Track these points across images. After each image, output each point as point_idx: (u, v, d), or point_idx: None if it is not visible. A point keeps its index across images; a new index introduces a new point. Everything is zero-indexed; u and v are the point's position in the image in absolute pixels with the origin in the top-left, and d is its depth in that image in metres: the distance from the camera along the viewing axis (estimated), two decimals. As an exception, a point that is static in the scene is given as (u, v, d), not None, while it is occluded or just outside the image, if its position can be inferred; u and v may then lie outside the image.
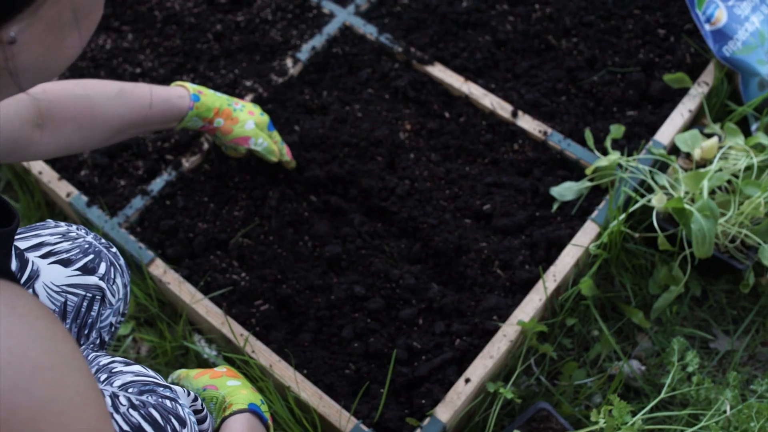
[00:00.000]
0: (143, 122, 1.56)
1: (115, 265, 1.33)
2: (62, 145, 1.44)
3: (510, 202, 1.80)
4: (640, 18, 2.04)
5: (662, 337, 1.75)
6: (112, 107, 1.50)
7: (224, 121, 1.69)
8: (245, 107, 1.73)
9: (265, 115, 1.77)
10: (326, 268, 1.75)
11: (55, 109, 1.40)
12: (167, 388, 1.14)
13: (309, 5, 2.14)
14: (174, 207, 1.85)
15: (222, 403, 1.27)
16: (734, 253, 1.72)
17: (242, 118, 1.71)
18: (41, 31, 0.77)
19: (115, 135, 1.54)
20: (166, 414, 1.08)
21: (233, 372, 1.35)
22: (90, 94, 1.47)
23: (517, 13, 2.08)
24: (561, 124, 1.89)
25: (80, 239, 1.30)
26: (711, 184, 1.69)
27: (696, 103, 1.88)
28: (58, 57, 0.82)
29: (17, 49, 0.76)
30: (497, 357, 1.60)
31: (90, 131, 1.48)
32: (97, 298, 1.28)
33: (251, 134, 1.72)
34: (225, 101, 1.70)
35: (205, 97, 1.66)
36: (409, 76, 1.97)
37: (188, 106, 1.62)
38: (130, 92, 1.53)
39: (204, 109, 1.65)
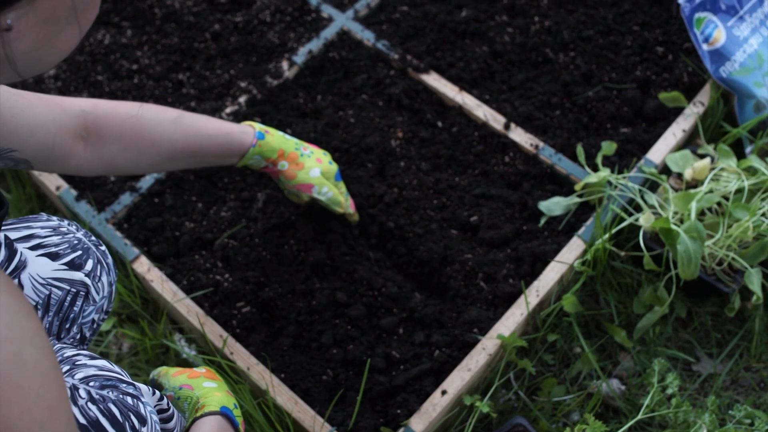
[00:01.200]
0: (199, 152, 1.50)
1: (102, 263, 1.33)
2: (106, 163, 1.42)
3: (497, 214, 1.79)
4: (639, 35, 2.03)
5: (644, 358, 1.74)
6: (165, 132, 1.45)
7: (289, 164, 1.62)
8: (314, 154, 1.66)
9: (334, 165, 1.69)
10: (310, 273, 1.75)
11: (101, 124, 1.38)
12: (130, 385, 1.13)
13: (308, 8, 2.14)
14: (162, 205, 1.85)
15: (195, 403, 1.27)
16: (721, 276, 1.71)
17: (308, 165, 1.63)
18: (36, 22, 0.79)
19: (167, 161, 1.50)
20: (126, 411, 1.08)
21: (212, 374, 1.35)
22: (141, 115, 1.43)
23: (515, 24, 2.07)
24: (553, 138, 1.88)
25: (70, 234, 1.31)
26: (700, 205, 1.68)
27: (690, 123, 1.87)
28: (53, 49, 0.85)
29: (12, 36, 0.79)
30: (475, 370, 1.59)
31: (137, 153, 1.44)
32: (81, 293, 1.29)
33: (315, 182, 1.64)
34: (293, 145, 1.63)
35: (271, 137, 1.59)
36: (404, 83, 1.97)
37: (251, 143, 1.55)
38: (189, 120, 1.49)
39: (268, 149, 1.58)
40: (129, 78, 2.07)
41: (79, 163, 1.40)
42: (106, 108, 1.40)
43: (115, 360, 1.79)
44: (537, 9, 2.10)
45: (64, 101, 1.37)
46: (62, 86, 2.06)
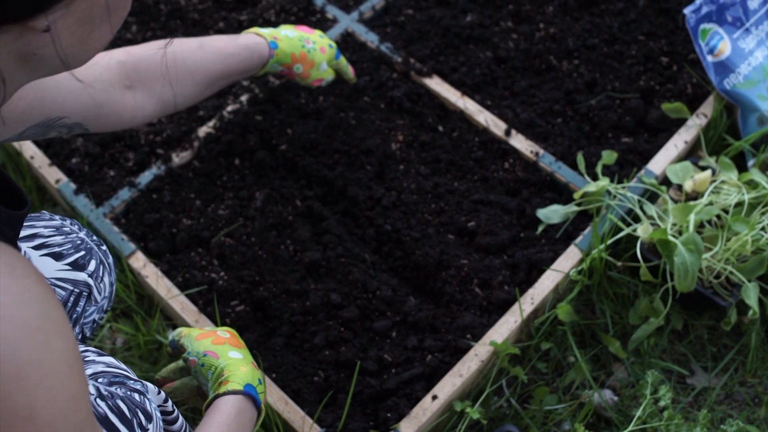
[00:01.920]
0: (228, 72, 1.61)
1: (104, 263, 1.34)
2: (159, 102, 1.51)
3: (495, 220, 1.78)
4: (644, 44, 2.02)
5: (638, 369, 1.73)
6: (198, 60, 1.54)
7: (303, 66, 1.74)
8: (316, 44, 1.76)
9: (333, 46, 1.81)
10: (305, 273, 1.75)
11: (141, 68, 1.45)
12: (138, 381, 1.14)
13: (313, 9, 2.14)
14: (160, 201, 1.85)
15: (219, 375, 1.26)
16: (718, 289, 1.70)
17: (317, 60, 1.76)
18: (73, 23, 0.82)
19: (207, 88, 1.60)
20: (134, 407, 1.08)
21: (236, 340, 1.34)
22: (173, 50, 1.50)
23: (520, 31, 2.06)
24: (554, 145, 1.87)
25: (73, 234, 1.31)
26: (699, 217, 1.67)
27: (693, 134, 1.86)
28: (87, 47, 0.88)
29: (50, 37, 0.82)
30: (467, 376, 1.58)
31: (180, 86, 1.53)
32: (84, 294, 1.29)
33: (324, 75, 1.80)
34: (298, 43, 1.73)
35: (282, 42, 1.69)
36: (406, 87, 1.96)
37: (269, 54, 1.67)
38: (211, 44, 1.57)
39: (283, 55, 1.69)
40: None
41: (134, 114, 1.47)
42: (138, 51, 1.47)
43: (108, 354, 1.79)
44: (542, 16, 2.09)
45: (100, 58, 1.42)
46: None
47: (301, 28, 1.79)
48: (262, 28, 1.72)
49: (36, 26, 0.80)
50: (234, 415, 1.21)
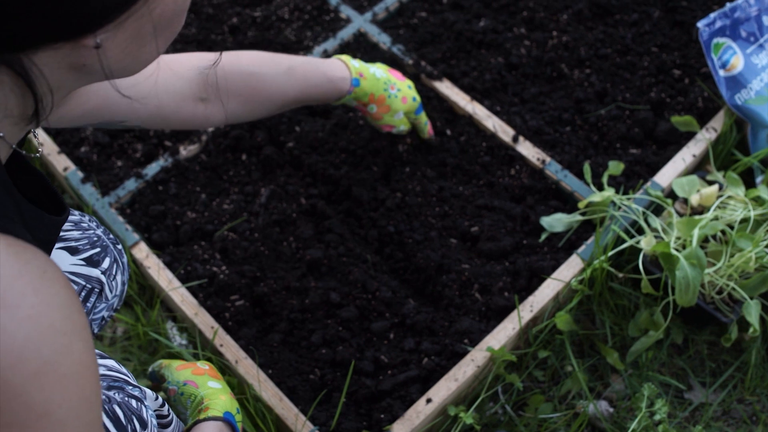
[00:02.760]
0: (305, 99, 1.62)
1: (118, 262, 1.34)
2: (227, 117, 1.52)
3: (498, 226, 1.78)
4: (656, 56, 2.01)
5: (636, 381, 1.72)
6: (279, 84, 1.55)
7: (377, 108, 1.73)
8: (400, 92, 1.75)
9: (417, 99, 1.79)
10: (306, 271, 1.75)
11: (222, 85, 1.46)
12: (137, 387, 1.15)
13: (327, 8, 2.14)
14: (166, 193, 1.86)
15: (199, 403, 1.28)
16: (720, 305, 1.69)
17: (394, 107, 1.74)
18: (124, 39, 0.84)
19: (278, 109, 1.61)
20: (130, 413, 1.09)
21: (215, 372, 1.36)
22: (261, 72, 1.52)
23: (533, 38, 2.06)
24: (561, 154, 1.87)
25: (90, 231, 1.31)
26: (704, 232, 1.66)
27: (701, 148, 1.85)
28: (137, 60, 0.90)
29: (101, 53, 0.84)
30: (462, 380, 1.58)
31: (255, 105, 1.54)
32: (96, 290, 1.29)
33: (396, 124, 1.79)
34: (382, 86, 1.71)
35: (365, 81, 1.68)
36: (416, 89, 1.96)
37: (347, 91, 1.66)
38: (299, 70, 1.58)
39: (361, 93, 1.68)
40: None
41: (201, 123, 1.50)
42: (225, 66, 1.48)
43: (108, 343, 1.80)
44: (556, 24, 2.09)
45: (180, 66, 1.44)
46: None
47: (394, 72, 1.78)
48: (354, 60, 1.70)
49: (87, 43, 0.81)
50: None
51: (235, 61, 1.50)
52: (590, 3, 2.11)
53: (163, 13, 0.86)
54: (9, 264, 0.74)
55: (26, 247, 0.77)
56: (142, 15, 0.83)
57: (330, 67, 1.64)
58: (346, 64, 1.67)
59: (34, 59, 0.81)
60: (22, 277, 0.74)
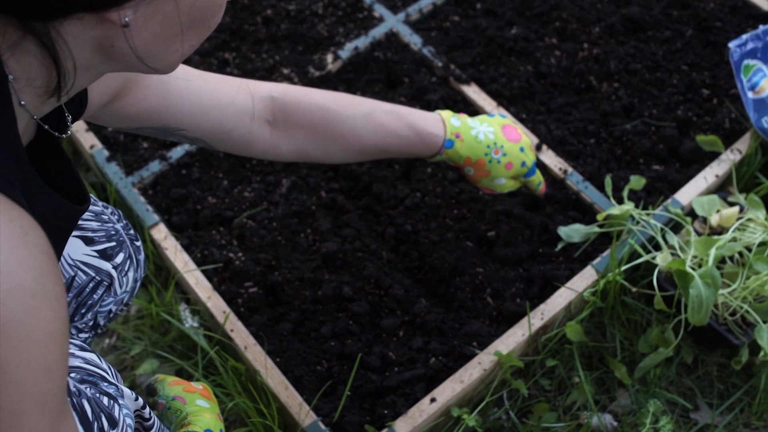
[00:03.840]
0: (387, 150, 1.50)
1: (133, 258, 1.35)
2: (296, 151, 1.44)
3: (515, 233, 1.78)
4: (686, 75, 2.01)
5: (642, 397, 1.71)
6: (354, 126, 1.45)
7: (475, 171, 1.59)
8: (504, 158, 1.58)
9: (527, 165, 1.62)
10: (320, 263, 1.76)
11: (289, 111, 1.40)
12: (112, 385, 1.12)
13: (361, 6, 2.16)
14: (188, 177, 1.88)
15: (183, 419, 1.26)
16: (732, 326, 1.68)
17: (494, 173, 1.59)
18: (152, 23, 0.84)
19: (357, 155, 1.51)
20: (98, 410, 1.06)
21: (208, 392, 1.34)
22: (331, 108, 1.43)
23: (564, 48, 2.06)
24: (583, 165, 1.87)
25: (110, 224, 1.32)
26: (721, 252, 1.65)
27: (724, 169, 1.84)
28: (165, 50, 0.89)
29: (128, 35, 0.83)
30: (468, 383, 1.58)
31: (325, 144, 1.45)
32: (105, 283, 1.30)
33: (497, 189, 1.64)
34: (483, 150, 1.55)
35: (461, 143, 1.53)
36: (444, 92, 1.97)
37: (438, 151, 1.53)
38: (381, 116, 1.47)
39: (456, 156, 1.55)
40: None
41: (265, 149, 1.42)
42: (296, 95, 1.41)
43: (121, 322, 1.82)
44: (588, 36, 2.09)
45: (254, 85, 1.38)
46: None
47: (508, 130, 1.59)
48: (457, 118, 1.55)
49: (112, 19, 0.81)
50: None
51: (306, 93, 1.43)
52: (623, 17, 2.11)
53: (195, 1, 0.86)
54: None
55: (15, 207, 0.77)
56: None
57: (422, 119, 1.51)
58: (443, 121, 1.53)
59: (61, 31, 0.82)
60: (1, 232, 0.74)
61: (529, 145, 1.63)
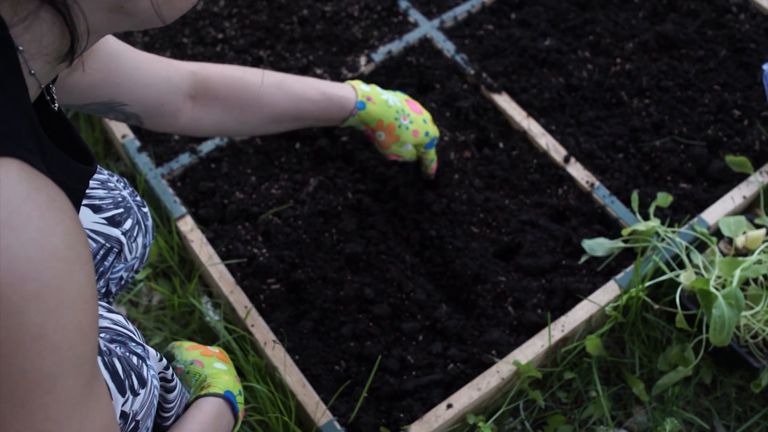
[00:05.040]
0: (301, 116, 1.56)
1: (141, 224, 1.37)
2: (215, 123, 1.50)
3: (539, 244, 1.78)
4: (718, 94, 2.00)
5: (659, 415, 1.71)
6: (267, 95, 1.51)
7: (386, 136, 1.67)
8: (413, 125, 1.68)
9: (431, 132, 1.72)
10: (344, 263, 1.77)
11: (208, 85, 1.46)
12: (140, 345, 1.14)
13: (396, 11, 2.17)
14: (217, 171, 1.90)
15: (202, 381, 1.29)
16: (753, 349, 1.67)
17: (403, 138, 1.68)
18: None
19: (271, 124, 1.56)
20: (129, 369, 1.08)
21: (224, 356, 1.37)
22: (244, 78, 1.49)
23: (596, 62, 2.06)
24: (611, 180, 1.87)
25: (116, 191, 1.34)
26: (746, 274, 1.65)
27: (753, 190, 1.83)
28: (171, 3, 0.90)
29: None
30: (485, 390, 1.59)
31: (242, 114, 1.51)
32: (115, 250, 1.31)
33: (403, 155, 1.72)
34: (393, 114, 1.65)
35: (372, 105, 1.62)
36: (474, 99, 1.98)
37: (350, 113, 1.61)
38: (291, 84, 1.54)
39: (368, 118, 1.63)
40: (213, 45, 2.13)
41: (186, 123, 1.48)
42: (213, 70, 1.47)
43: (143, 311, 1.84)
44: (621, 51, 2.09)
45: (177, 62, 1.45)
46: (148, 42, 2.13)
47: (411, 103, 1.72)
48: (368, 85, 1.66)
49: None
50: (213, 415, 1.24)
51: (222, 68, 1.49)
52: (657, 34, 2.10)
53: None
54: (19, 187, 0.74)
55: (38, 174, 0.78)
56: None
57: (332, 86, 1.59)
58: (353, 87, 1.62)
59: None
60: (30, 201, 0.75)
61: (430, 119, 1.74)
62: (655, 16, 2.18)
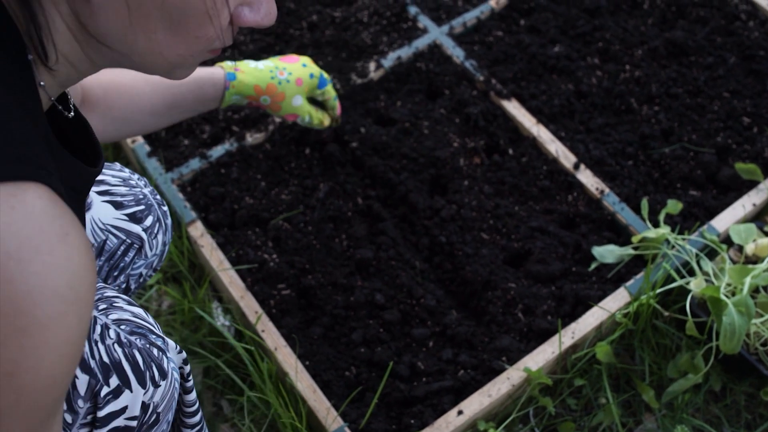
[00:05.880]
0: (176, 102, 1.52)
1: (161, 222, 1.38)
2: (103, 127, 1.44)
3: (549, 250, 1.79)
4: (727, 102, 2.00)
5: (669, 422, 1.71)
6: (139, 88, 1.47)
7: (270, 98, 1.64)
8: (292, 75, 1.66)
9: (315, 76, 1.70)
10: (354, 269, 1.77)
11: (87, 93, 1.41)
12: (160, 337, 1.15)
13: (406, 16, 2.17)
14: (227, 176, 1.90)
15: None
16: (763, 357, 1.67)
17: (289, 93, 1.66)
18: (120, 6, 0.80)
19: (152, 117, 1.52)
20: (149, 360, 1.10)
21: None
22: (116, 79, 1.45)
23: (606, 69, 2.07)
24: (620, 186, 1.87)
25: (138, 189, 1.35)
26: (756, 282, 1.65)
27: (762, 198, 1.83)
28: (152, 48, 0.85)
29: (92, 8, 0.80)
30: (495, 397, 1.59)
31: (121, 113, 1.46)
32: (135, 246, 1.33)
33: (299, 111, 1.69)
34: (267, 74, 1.63)
35: (243, 74, 1.60)
36: (484, 105, 1.98)
37: (224, 86, 1.58)
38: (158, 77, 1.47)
39: (243, 87, 1.60)
40: (222, 51, 2.12)
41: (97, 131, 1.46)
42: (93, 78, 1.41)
43: (153, 315, 1.83)
44: (630, 58, 2.09)
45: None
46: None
47: (286, 58, 1.70)
48: (231, 61, 1.65)
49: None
50: None
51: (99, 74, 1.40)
52: (666, 41, 2.11)
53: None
54: (35, 217, 0.73)
55: (56, 201, 0.76)
56: None
57: (199, 70, 1.56)
58: (221, 65, 1.61)
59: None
60: (42, 234, 0.73)
61: (310, 61, 1.71)
62: (664, 23, 2.18)
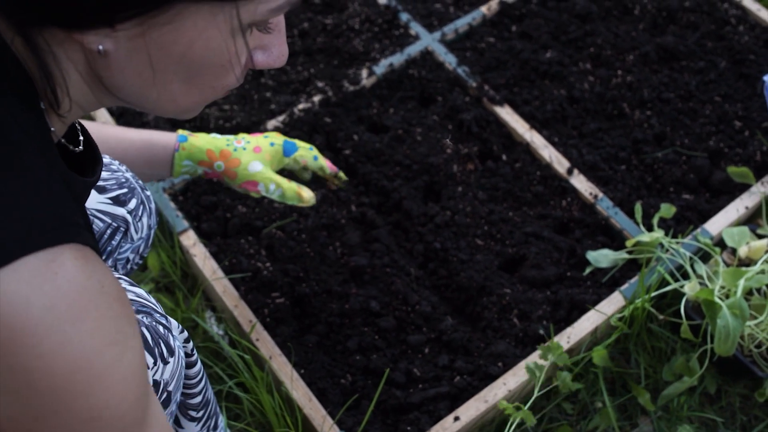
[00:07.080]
0: (128, 159, 1.44)
1: (145, 205, 1.38)
2: None
3: (544, 255, 1.79)
4: (719, 106, 2.01)
5: (664, 425, 1.71)
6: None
7: (224, 164, 1.50)
8: (250, 144, 1.53)
9: (277, 144, 1.56)
10: (348, 277, 1.77)
11: None
12: (163, 316, 1.16)
13: (397, 23, 2.17)
14: (219, 185, 1.89)
15: None
16: (758, 359, 1.68)
17: (245, 159, 1.51)
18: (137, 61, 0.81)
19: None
20: (157, 337, 1.10)
21: None
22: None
23: (598, 74, 2.07)
24: (614, 191, 1.87)
25: (119, 173, 1.35)
26: (749, 284, 1.65)
27: (755, 201, 1.84)
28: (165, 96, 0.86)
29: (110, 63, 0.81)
30: (492, 403, 1.58)
31: None
32: (121, 229, 1.33)
33: (259, 179, 1.51)
34: (223, 142, 1.52)
35: (195, 138, 1.50)
36: (477, 112, 1.98)
37: (174, 147, 1.48)
38: (110, 129, 1.45)
39: (195, 150, 1.49)
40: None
41: None
42: None
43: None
44: (622, 63, 2.10)
45: None
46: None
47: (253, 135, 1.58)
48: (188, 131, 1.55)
49: (84, 41, 0.79)
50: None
51: None
52: (658, 46, 2.12)
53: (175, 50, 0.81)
54: (75, 279, 0.77)
55: (90, 256, 0.80)
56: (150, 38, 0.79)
57: (153, 131, 1.49)
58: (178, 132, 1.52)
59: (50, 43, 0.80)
60: (86, 292, 0.78)
61: (275, 133, 1.58)
62: (655, 29, 2.19)
